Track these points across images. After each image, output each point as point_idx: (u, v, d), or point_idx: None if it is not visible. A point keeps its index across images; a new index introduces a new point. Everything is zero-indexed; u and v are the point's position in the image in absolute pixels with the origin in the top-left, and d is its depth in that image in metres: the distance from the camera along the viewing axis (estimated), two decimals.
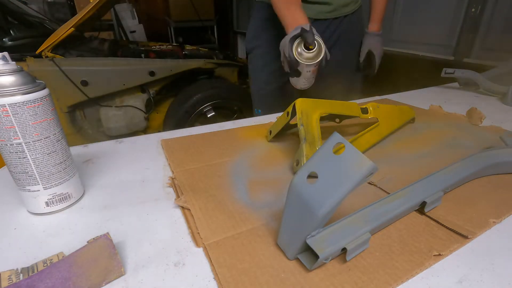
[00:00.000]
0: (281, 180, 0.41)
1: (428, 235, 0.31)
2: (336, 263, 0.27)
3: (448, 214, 0.33)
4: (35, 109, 0.30)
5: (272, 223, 0.32)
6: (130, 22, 3.04)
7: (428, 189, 0.34)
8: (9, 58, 0.30)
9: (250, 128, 0.59)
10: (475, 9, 1.26)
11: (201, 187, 0.39)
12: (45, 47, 1.38)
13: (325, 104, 0.47)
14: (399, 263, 0.27)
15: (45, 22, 1.94)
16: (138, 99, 1.62)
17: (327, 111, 0.47)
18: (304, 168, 0.26)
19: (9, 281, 0.25)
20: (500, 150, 0.43)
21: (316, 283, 0.25)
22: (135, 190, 0.39)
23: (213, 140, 0.53)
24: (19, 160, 0.31)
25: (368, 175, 0.23)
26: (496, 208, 0.35)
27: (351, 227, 0.28)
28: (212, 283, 0.26)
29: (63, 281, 0.24)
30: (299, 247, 0.27)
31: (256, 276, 0.26)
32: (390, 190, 0.37)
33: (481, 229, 0.31)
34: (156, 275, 0.26)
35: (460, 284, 0.26)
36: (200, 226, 0.32)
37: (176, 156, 0.47)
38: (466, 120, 0.63)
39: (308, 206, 0.25)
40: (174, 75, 1.62)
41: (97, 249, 0.26)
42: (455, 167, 0.39)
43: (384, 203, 0.32)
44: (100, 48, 1.77)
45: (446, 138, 0.54)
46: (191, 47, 2.04)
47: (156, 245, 0.30)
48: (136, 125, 1.65)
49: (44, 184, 0.33)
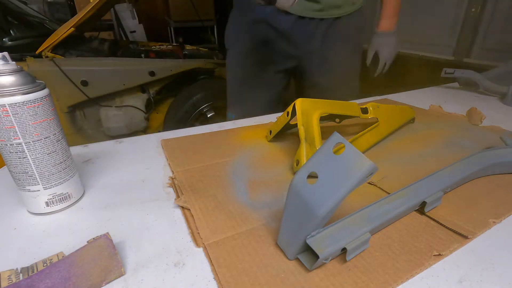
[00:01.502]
0: (281, 180, 0.41)
1: (428, 235, 0.31)
2: (336, 263, 0.27)
3: (448, 214, 0.33)
4: (35, 109, 0.30)
5: (272, 223, 0.32)
6: (130, 22, 3.04)
7: (428, 189, 0.34)
8: (9, 58, 0.30)
9: (250, 128, 0.59)
10: (475, 9, 1.26)
11: (201, 187, 0.39)
12: (45, 47, 1.38)
13: (325, 104, 0.47)
14: (399, 263, 0.27)
15: (45, 22, 1.94)
16: (138, 99, 1.62)
17: (327, 111, 0.47)
18: (304, 168, 0.26)
19: (8, 281, 0.25)
20: (500, 150, 0.43)
21: (316, 283, 0.25)
22: (135, 190, 0.39)
23: (213, 140, 0.53)
24: (19, 160, 0.31)
25: (368, 175, 0.23)
26: (496, 208, 0.35)
27: (351, 227, 0.28)
28: (212, 283, 0.26)
29: (63, 281, 0.24)
30: (299, 247, 0.27)
31: (256, 276, 0.26)
32: (390, 190, 0.37)
33: (481, 229, 0.31)
34: (156, 275, 0.26)
35: (460, 284, 0.26)
36: (200, 226, 0.32)
37: (176, 156, 0.47)
38: (466, 120, 0.63)
39: (308, 206, 0.25)
40: (174, 75, 1.62)
41: (97, 249, 0.26)
42: (455, 167, 0.39)
43: (384, 203, 0.32)
44: (100, 48, 1.77)
45: (446, 138, 0.54)
46: (191, 47, 2.04)
47: (156, 245, 0.30)
48: (136, 125, 1.65)
49: (44, 184, 0.33)
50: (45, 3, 2.79)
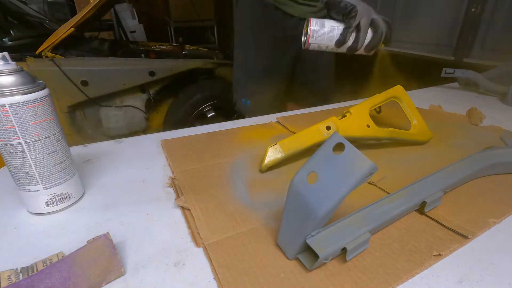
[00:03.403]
0: (281, 180, 0.41)
1: (428, 235, 0.31)
2: (336, 263, 0.27)
3: (448, 214, 0.33)
4: (35, 109, 0.30)
5: (272, 223, 0.32)
6: (130, 22, 3.03)
7: (428, 189, 0.34)
8: (9, 58, 0.30)
9: (250, 128, 0.59)
10: (475, 9, 1.26)
11: (201, 187, 0.39)
12: (45, 47, 1.38)
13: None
14: (399, 263, 0.27)
15: (45, 22, 1.94)
16: (138, 99, 1.62)
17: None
18: (304, 168, 0.26)
19: (8, 281, 0.25)
20: (500, 150, 0.43)
21: (316, 283, 0.25)
22: (135, 190, 0.39)
23: (213, 140, 0.53)
24: (19, 160, 0.31)
25: (368, 175, 0.23)
26: (496, 208, 0.35)
27: (351, 227, 0.28)
28: (212, 283, 0.26)
29: (62, 281, 0.24)
30: (299, 247, 0.27)
31: (256, 276, 0.26)
32: (390, 190, 0.37)
33: (481, 229, 0.31)
34: (156, 275, 0.26)
35: (460, 284, 0.26)
36: (200, 226, 0.32)
37: (176, 156, 0.47)
38: (466, 120, 0.63)
39: (308, 206, 0.25)
40: (174, 75, 1.62)
41: (97, 249, 0.26)
42: (455, 167, 0.39)
43: (384, 203, 0.32)
44: (100, 48, 1.77)
45: (446, 138, 0.54)
46: (191, 47, 2.04)
47: (156, 245, 0.30)
48: (136, 125, 1.65)
49: (44, 184, 0.33)
50: (45, 3, 2.79)
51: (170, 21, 3.18)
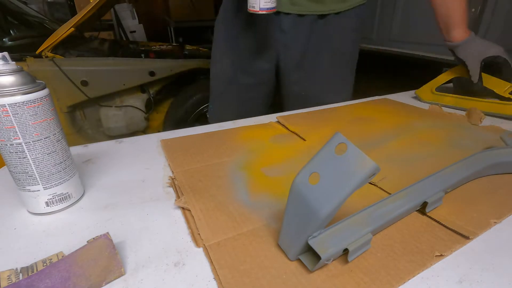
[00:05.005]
0: (282, 180, 0.41)
1: (430, 236, 0.31)
2: (338, 264, 0.27)
3: (449, 214, 0.33)
4: (35, 109, 0.30)
5: (273, 223, 0.32)
6: (130, 22, 3.04)
7: (429, 189, 0.34)
8: (9, 58, 0.29)
9: (250, 128, 0.59)
10: (475, 9, 1.26)
11: (201, 187, 0.39)
12: (45, 47, 1.38)
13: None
14: (401, 263, 0.27)
15: (45, 22, 1.94)
16: (138, 99, 1.62)
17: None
18: (306, 168, 0.26)
19: (8, 280, 0.25)
20: (500, 150, 0.43)
21: (317, 284, 0.25)
22: (135, 190, 0.39)
23: (213, 140, 0.53)
24: (19, 160, 0.31)
25: (371, 176, 0.23)
26: (497, 208, 0.35)
27: (352, 227, 0.28)
28: (212, 283, 0.26)
29: (62, 281, 0.24)
30: (300, 248, 0.27)
31: (257, 277, 0.26)
32: (391, 190, 0.37)
33: (482, 229, 0.31)
34: (156, 275, 0.26)
35: (460, 284, 0.26)
36: (201, 227, 0.32)
37: (176, 156, 0.47)
38: (466, 120, 0.63)
39: (310, 207, 0.25)
40: (174, 75, 1.62)
41: (97, 249, 0.26)
42: (456, 167, 0.39)
43: (385, 204, 0.32)
44: (100, 48, 1.77)
45: (446, 138, 0.54)
46: (191, 47, 2.03)
47: (156, 245, 0.30)
48: (136, 125, 1.65)
49: (44, 184, 0.33)
50: (45, 3, 2.79)
51: (170, 21, 3.18)
